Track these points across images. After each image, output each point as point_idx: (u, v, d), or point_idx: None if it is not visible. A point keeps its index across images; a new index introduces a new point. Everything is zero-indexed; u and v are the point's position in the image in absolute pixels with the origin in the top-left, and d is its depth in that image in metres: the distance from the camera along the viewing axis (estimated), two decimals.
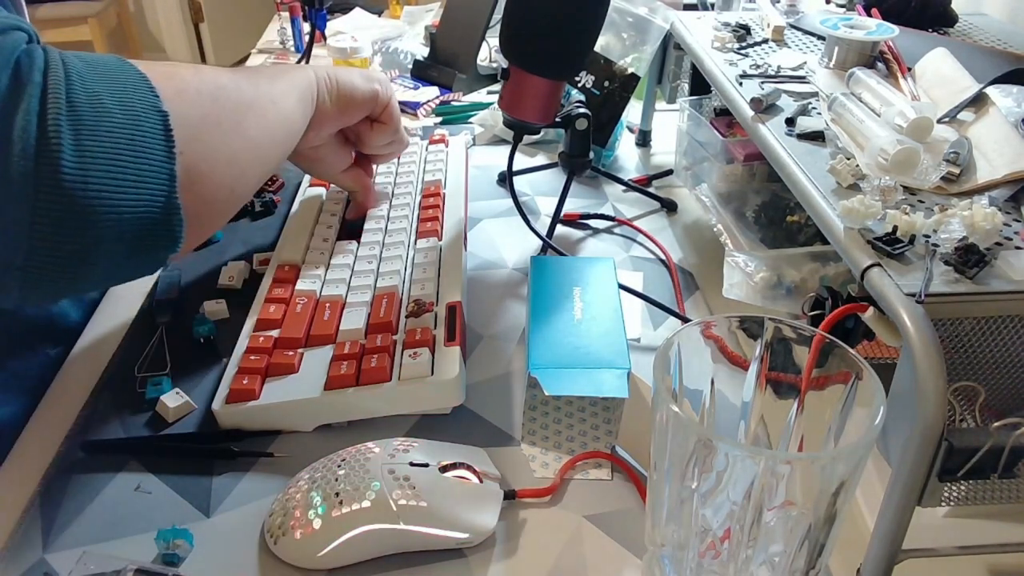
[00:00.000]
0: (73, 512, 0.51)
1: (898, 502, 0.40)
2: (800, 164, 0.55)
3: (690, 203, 0.86)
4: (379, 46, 1.25)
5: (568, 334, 0.58)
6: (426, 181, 0.81)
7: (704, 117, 0.80)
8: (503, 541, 0.49)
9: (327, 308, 0.63)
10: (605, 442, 0.56)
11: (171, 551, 0.47)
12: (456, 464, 0.50)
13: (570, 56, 0.67)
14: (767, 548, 0.39)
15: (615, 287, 0.63)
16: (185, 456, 0.55)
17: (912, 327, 0.38)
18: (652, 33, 0.88)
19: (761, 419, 0.45)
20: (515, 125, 0.71)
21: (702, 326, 0.42)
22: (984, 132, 0.55)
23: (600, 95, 0.90)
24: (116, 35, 3.18)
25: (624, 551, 0.49)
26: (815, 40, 0.77)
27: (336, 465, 0.49)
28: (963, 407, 0.46)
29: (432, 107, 1.10)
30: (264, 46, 1.36)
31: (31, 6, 0.53)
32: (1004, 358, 0.43)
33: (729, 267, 0.60)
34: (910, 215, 0.47)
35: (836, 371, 0.41)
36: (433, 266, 0.67)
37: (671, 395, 0.40)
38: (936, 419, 0.37)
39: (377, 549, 0.48)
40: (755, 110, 0.62)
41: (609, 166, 0.95)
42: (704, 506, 0.39)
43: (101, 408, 0.58)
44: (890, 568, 0.42)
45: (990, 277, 0.42)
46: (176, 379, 0.61)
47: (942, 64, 0.64)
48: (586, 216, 0.84)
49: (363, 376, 0.56)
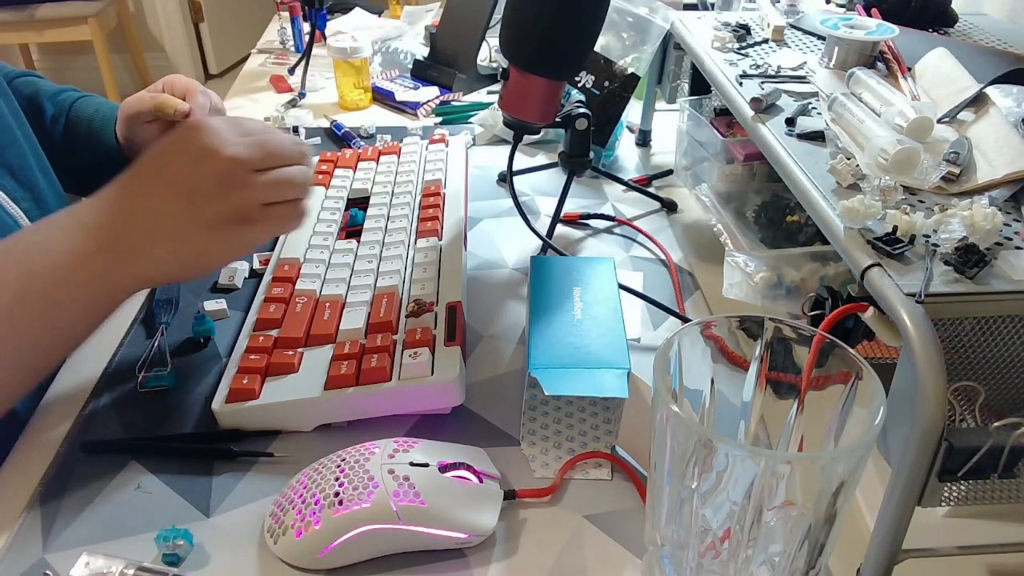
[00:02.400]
0: (73, 512, 0.51)
1: (898, 502, 0.40)
2: (800, 164, 0.55)
3: (690, 203, 0.86)
4: (379, 46, 1.25)
5: (568, 334, 0.58)
6: (426, 181, 0.81)
7: (704, 117, 0.80)
8: (503, 541, 0.49)
9: (327, 308, 0.63)
10: (605, 442, 0.56)
11: (171, 551, 0.47)
12: (456, 464, 0.50)
13: (570, 56, 0.67)
14: (767, 548, 0.39)
15: (615, 287, 0.63)
16: (185, 456, 0.55)
17: (912, 327, 0.38)
18: (652, 33, 0.88)
19: (761, 419, 0.45)
20: (515, 125, 0.71)
21: (702, 326, 0.42)
22: (984, 132, 0.55)
23: (600, 95, 0.90)
24: (116, 35, 3.18)
25: (624, 551, 0.49)
26: (815, 40, 0.77)
27: (336, 465, 0.49)
28: (963, 407, 0.46)
29: (432, 107, 1.10)
30: (264, 46, 1.36)
31: (31, 6, 0.53)
32: (1004, 358, 0.43)
33: (729, 267, 0.60)
34: (910, 215, 0.47)
35: (836, 371, 0.41)
36: (433, 266, 0.67)
37: (671, 395, 0.40)
38: (936, 419, 0.37)
39: (377, 549, 0.48)
40: (755, 110, 0.62)
41: (609, 166, 0.95)
42: (704, 506, 0.39)
43: (101, 408, 0.58)
44: (890, 568, 0.42)
45: (990, 277, 0.42)
46: (176, 379, 0.61)
47: (942, 64, 0.64)
48: (586, 216, 0.84)
49: (363, 376, 0.56)
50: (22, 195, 0.76)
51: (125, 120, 0.89)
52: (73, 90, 0.95)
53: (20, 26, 2.78)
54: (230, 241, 0.56)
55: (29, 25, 2.79)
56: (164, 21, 3.35)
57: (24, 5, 2.75)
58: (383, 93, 1.12)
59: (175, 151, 0.56)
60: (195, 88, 0.90)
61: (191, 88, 0.89)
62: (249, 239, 0.57)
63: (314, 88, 1.16)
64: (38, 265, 0.52)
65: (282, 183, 0.57)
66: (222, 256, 0.58)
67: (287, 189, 0.57)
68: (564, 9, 0.63)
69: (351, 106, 1.11)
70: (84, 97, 0.95)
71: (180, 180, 0.55)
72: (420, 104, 1.09)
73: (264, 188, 0.56)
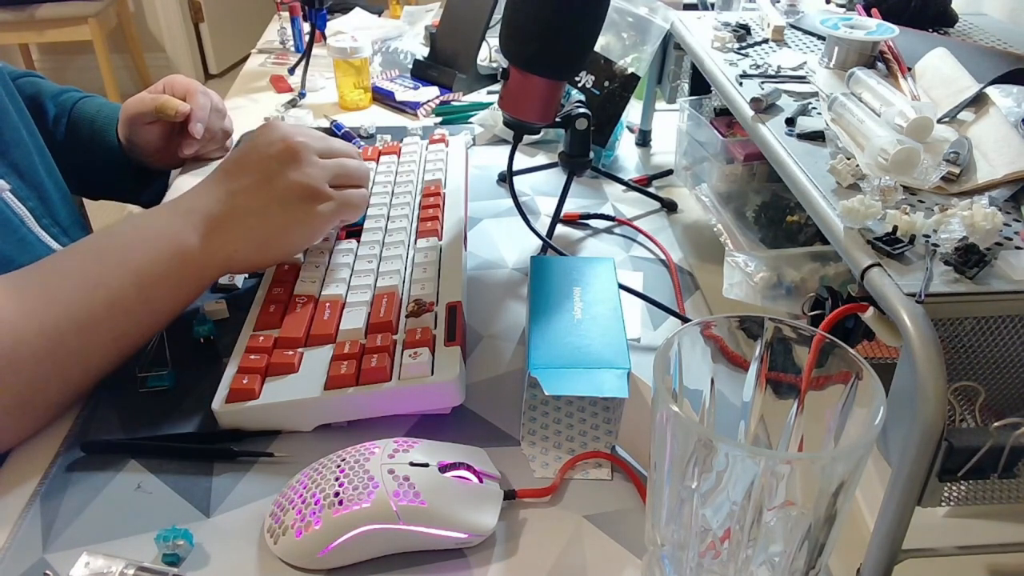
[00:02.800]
0: (73, 512, 0.51)
1: (898, 502, 0.40)
2: (800, 164, 0.55)
3: (690, 203, 0.86)
4: (379, 46, 1.25)
5: (568, 334, 0.58)
6: (426, 181, 0.81)
7: (704, 117, 0.80)
8: (503, 541, 0.49)
9: (327, 308, 0.63)
10: (605, 442, 0.56)
11: (171, 551, 0.47)
12: (456, 464, 0.50)
13: (570, 56, 0.67)
14: (767, 548, 0.39)
15: (615, 287, 0.63)
16: (185, 456, 0.55)
17: (912, 327, 0.38)
18: (652, 33, 0.88)
19: (761, 419, 0.45)
20: (515, 125, 0.71)
21: (702, 326, 0.42)
22: (984, 132, 0.55)
23: (600, 95, 0.90)
24: (116, 35, 3.18)
25: (624, 551, 0.49)
26: (815, 40, 0.77)
27: (336, 465, 0.49)
28: (963, 407, 0.46)
29: (432, 107, 1.10)
30: (264, 46, 1.36)
31: (31, 6, 0.53)
32: (1004, 358, 0.43)
33: (729, 267, 0.60)
34: (910, 215, 0.47)
35: (836, 371, 0.41)
36: (433, 266, 0.67)
37: (671, 395, 0.40)
38: (936, 419, 0.37)
39: (377, 549, 0.48)
40: (755, 110, 0.62)
41: (609, 166, 0.95)
42: (704, 506, 0.39)
43: (101, 408, 0.58)
44: (890, 568, 0.42)
45: (990, 277, 0.42)
46: (176, 379, 0.61)
47: (942, 64, 0.64)
48: (586, 216, 0.84)
49: (363, 376, 0.56)
50: (28, 194, 0.76)
51: (126, 121, 0.89)
52: (75, 91, 0.96)
53: (20, 26, 2.78)
54: (300, 216, 0.63)
55: (29, 25, 2.79)
56: (164, 21, 3.35)
57: (24, 5, 2.75)
58: (383, 93, 1.12)
59: (252, 145, 0.65)
60: (195, 88, 0.90)
61: (191, 89, 0.90)
62: (318, 217, 0.64)
63: (314, 88, 1.16)
64: (138, 251, 0.59)
65: (342, 168, 0.66)
66: (296, 233, 0.64)
67: (348, 175, 0.66)
68: (564, 9, 0.63)
69: (351, 106, 1.11)
70: (86, 98, 0.95)
71: (254, 165, 0.64)
72: (420, 104, 1.09)
73: (327, 168, 0.65)
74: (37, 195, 0.78)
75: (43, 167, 0.81)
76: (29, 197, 0.76)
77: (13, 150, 0.76)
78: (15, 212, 0.73)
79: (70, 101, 0.93)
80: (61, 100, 0.93)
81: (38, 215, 0.76)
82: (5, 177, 0.73)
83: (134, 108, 0.88)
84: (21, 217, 0.73)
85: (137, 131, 0.89)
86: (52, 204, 0.80)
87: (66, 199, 0.84)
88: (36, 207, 0.76)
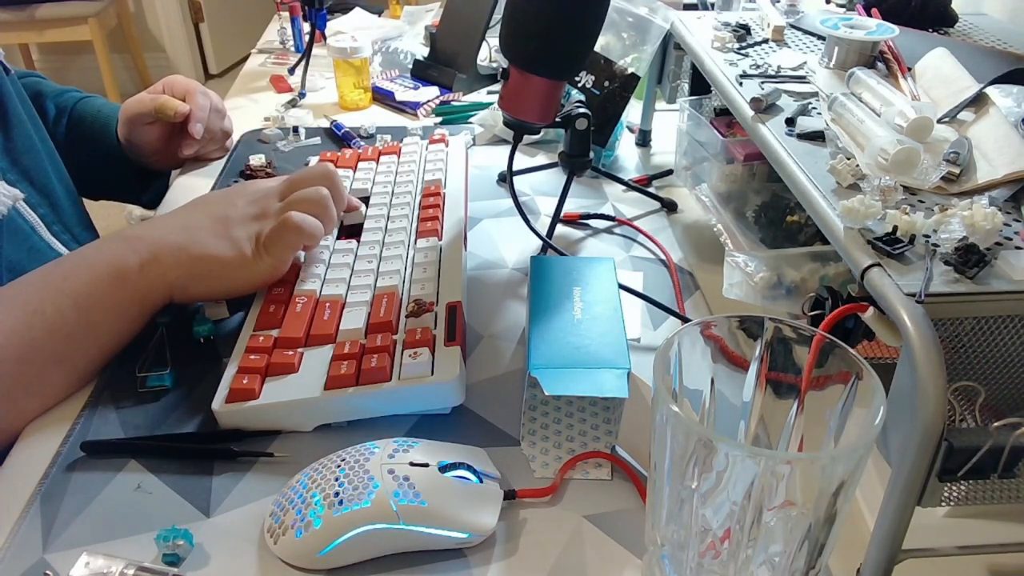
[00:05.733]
0: (73, 512, 0.51)
1: (898, 502, 0.40)
2: (800, 164, 0.55)
3: (690, 203, 0.86)
4: (379, 46, 1.25)
5: (568, 334, 0.58)
6: (426, 181, 0.81)
7: (704, 117, 0.80)
8: (503, 541, 0.49)
9: (327, 308, 0.63)
10: (605, 442, 0.56)
11: (171, 551, 0.47)
12: (456, 464, 0.50)
13: (570, 56, 0.67)
14: (767, 548, 0.39)
15: (615, 287, 0.63)
16: (185, 456, 0.55)
17: (912, 327, 0.38)
18: (652, 33, 0.88)
19: (761, 419, 0.45)
20: (515, 125, 0.71)
21: (702, 326, 0.42)
22: (984, 132, 0.55)
23: (600, 95, 0.90)
24: (116, 35, 3.18)
25: (624, 551, 0.49)
26: (815, 40, 0.77)
27: (336, 465, 0.49)
28: (963, 407, 0.46)
29: (432, 107, 1.10)
30: (264, 46, 1.36)
31: (31, 6, 0.54)
32: (1004, 358, 0.43)
33: (729, 267, 0.60)
34: (910, 215, 0.47)
35: (836, 371, 0.41)
36: (433, 266, 0.67)
37: (671, 395, 0.40)
38: (936, 419, 0.37)
39: (377, 549, 0.48)
40: (755, 110, 0.62)
41: (609, 166, 0.95)
42: (704, 506, 0.39)
43: (101, 408, 0.58)
44: (890, 568, 0.42)
45: (990, 277, 0.42)
46: (176, 379, 0.61)
47: (942, 64, 0.64)
48: (586, 216, 0.84)
49: (363, 376, 0.56)
50: (39, 201, 0.77)
51: (126, 121, 0.89)
52: (75, 91, 0.96)
53: (20, 26, 2.78)
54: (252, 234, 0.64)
55: (29, 25, 2.79)
56: (164, 21, 3.35)
57: (24, 5, 2.75)
58: (383, 93, 1.12)
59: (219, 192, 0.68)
60: (195, 89, 0.90)
61: (191, 89, 0.90)
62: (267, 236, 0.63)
63: (314, 88, 1.16)
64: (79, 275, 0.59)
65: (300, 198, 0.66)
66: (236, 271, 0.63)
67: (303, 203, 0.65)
68: (564, 9, 0.63)
69: (351, 106, 1.11)
70: (86, 98, 0.95)
71: (216, 202, 0.66)
72: (420, 104, 1.09)
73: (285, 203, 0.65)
74: (48, 202, 0.78)
75: (53, 171, 0.81)
76: (40, 204, 0.76)
77: (25, 157, 0.77)
78: (27, 220, 0.73)
79: (70, 101, 0.93)
80: (61, 100, 0.93)
81: (48, 222, 0.76)
82: (18, 185, 0.73)
83: (133, 108, 0.88)
84: (32, 225, 0.74)
85: (137, 131, 0.89)
86: (62, 210, 0.80)
87: (75, 202, 0.84)
88: (47, 214, 0.77)
